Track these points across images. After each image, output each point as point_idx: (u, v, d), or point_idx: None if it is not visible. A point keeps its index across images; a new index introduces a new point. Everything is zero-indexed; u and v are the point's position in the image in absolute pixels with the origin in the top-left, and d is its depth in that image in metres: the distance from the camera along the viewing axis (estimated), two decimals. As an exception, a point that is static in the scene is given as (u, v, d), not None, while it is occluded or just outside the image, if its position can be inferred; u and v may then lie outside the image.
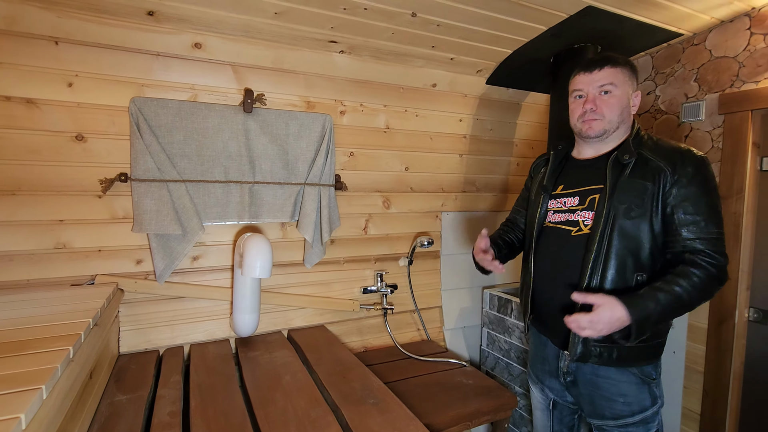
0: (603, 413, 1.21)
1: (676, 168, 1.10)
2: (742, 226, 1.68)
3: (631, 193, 1.13)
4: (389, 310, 2.07)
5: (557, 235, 1.27)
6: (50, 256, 1.46)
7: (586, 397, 1.24)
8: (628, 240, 1.13)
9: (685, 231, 1.09)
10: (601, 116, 1.19)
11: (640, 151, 1.16)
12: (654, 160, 1.13)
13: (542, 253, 1.30)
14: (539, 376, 1.40)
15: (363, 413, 1.19)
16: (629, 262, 1.13)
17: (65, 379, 0.85)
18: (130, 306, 1.59)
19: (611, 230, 1.14)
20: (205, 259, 1.71)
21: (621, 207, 1.14)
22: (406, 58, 1.88)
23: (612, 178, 1.16)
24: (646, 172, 1.13)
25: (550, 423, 1.41)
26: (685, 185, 1.09)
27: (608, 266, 1.14)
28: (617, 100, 1.18)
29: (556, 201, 1.30)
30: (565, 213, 1.26)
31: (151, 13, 1.42)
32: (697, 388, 1.84)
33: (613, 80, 1.18)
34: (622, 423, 1.19)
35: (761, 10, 1.60)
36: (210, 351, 1.62)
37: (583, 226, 1.21)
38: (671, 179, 1.10)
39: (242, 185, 1.70)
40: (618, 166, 1.17)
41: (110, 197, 1.53)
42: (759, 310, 1.70)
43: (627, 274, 1.13)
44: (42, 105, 1.41)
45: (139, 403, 1.21)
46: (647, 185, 1.12)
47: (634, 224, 1.12)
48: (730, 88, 1.71)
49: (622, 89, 1.18)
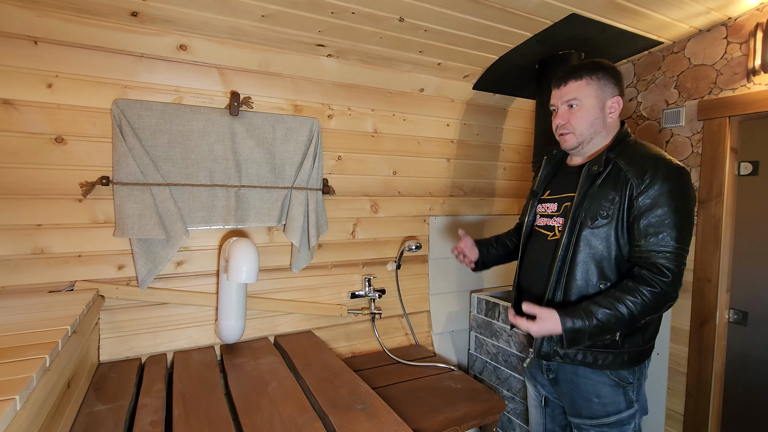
0: (581, 412, 1.24)
1: (645, 177, 1.09)
2: (721, 229, 1.72)
3: (598, 203, 1.14)
4: (377, 315, 2.06)
5: (538, 238, 1.32)
6: (27, 262, 1.42)
7: (566, 395, 1.28)
8: (592, 249, 1.15)
9: (644, 241, 1.08)
10: (571, 129, 1.21)
11: (617, 160, 1.16)
12: (624, 169, 1.13)
13: (527, 255, 1.36)
14: (532, 373, 1.43)
15: (351, 419, 1.18)
16: (593, 270, 1.15)
17: (41, 389, 0.81)
18: (111, 313, 1.55)
19: (577, 238, 1.16)
20: (189, 264, 1.68)
21: (587, 216, 1.15)
22: (394, 62, 1.89)
23: (583, 187, 1.18)
24: (617, 181, 1.13)
25: (543, 420, 1.44)
26: (651, 195, 1.08)
27: (573, 273, 1.16)
28: (585, 113, 1.18)
29: (542, 206, 1.34)
30: (546, 218, 1.31)
31: (134, 14, 1.40)
32: (681, 389, 1.87)
33: (576, 95, 1.19)
34: (598, 423, 1.21)
35: (737, 19, 1.65)
36: (194, 358, 1.59)
37: (557, 231, 1.25)
38: (637, 189, 1.09)
39: (228, 189, 1.67)
40: (590, 175, 1.18)
41: (91, 201, 1.49)
42: (739, 311, 1.74)
43: (590, 282, 1.15)
44: (20, 106, 1.37)
45: (119, 413, 1.17)
46: (615, 195, 1.12)
47: (599, 233, 1.14)
48: (709, 95, 1.76)
49: (588, 101, 1.18)
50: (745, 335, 1.72)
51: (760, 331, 1.68)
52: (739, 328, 1.74)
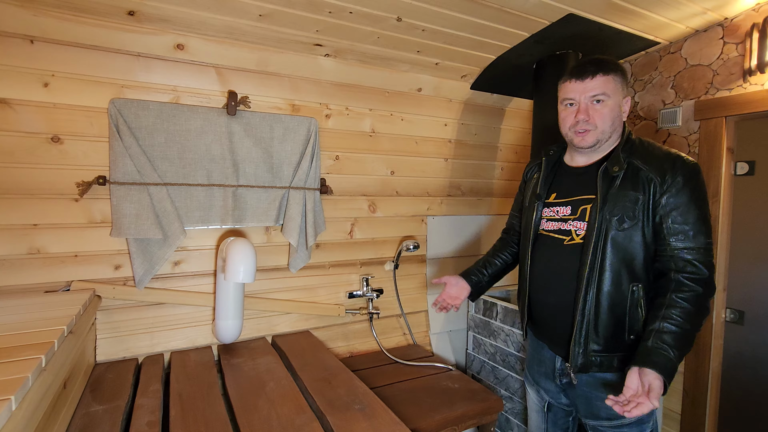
0: (598, 414, 1.21)
1: (666, 176, 1.09)
2: (718, 229, 1.73)
3: (622, 205, 1.12)
4: (375, 315, 2.06)
5: (551, 243, 1.27)
6: (23, 262, 1.41)
7: (582, 397, 1.24)
8: (621, 251, 1.12)
9: (674, 240, 1.08)
10: (593, 126, 1.16)
11: (631, 160, 1.14)
12: (644, 169, 1.12)
13: (537, 261, 1.30)
14: (535, 378, 1.40)
15: (348, 419, 1.17)
16: (624, 273, 1.12)
17: (36, 389, 0.81)
18: (107, 313, 1.54)
19: (604, 242, 1.13)
20: (186, 264, 1.67)
21: (613, 219, 1.12)
22: (392, 62, 1.89)
23: (603, 189, 1.15)
24: (636, 182, 1.12)
25: (545, 425, 1.41)
26: (675, 194, 1.08)
27: (603, 278, 1.13)
28: (610, 110, 1.14)
29: (549, 209, 1.29)
30: (558, 222, 1.26)
31: (131, 13, 1.39)
32: (678, 388, 1.87)
33: (605, 89, 1.14)
34: (618, 423, 1.18)
35: (733, 20, 1.66)
36: (191, 358, 1.58)
37: (575, 235, 1.20)
38: (661, 188, 1.09)
39: (225, 189, 1.67)
40: (608, 176, 1.16)
41: (87, 201, 1.49)
42: (735, 310, 1.74)
43: (623, 285, 1.13)
44: (16, 105, 1.36)
45: (115, 414, 1.17)
46: (638, 196, 1.11)
47: (627, 235, 1.12)
48: (705, 95, 1.77)
49: (614, 98, 1.15)
50: (741, 334, 1.73)
51: (756, 330, 1.69)
52: (736, 327, 1.75)
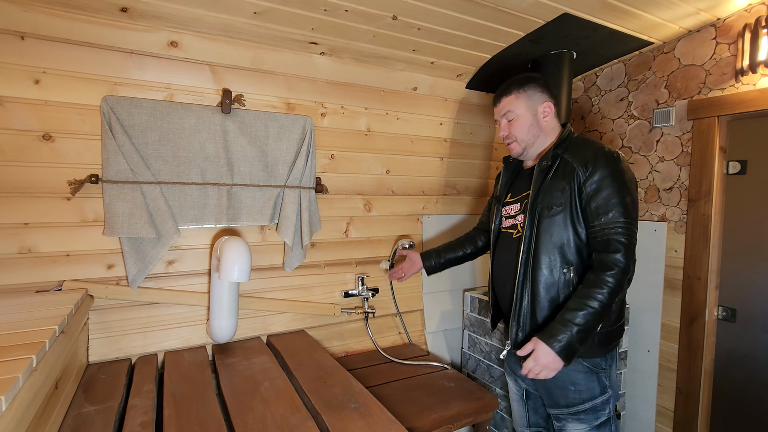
0: (558, 401, 1.30)
1: (588, 165, 1.21)
2: (710, 227, 1.75)
3: (551, 194, 1.25)
4: (371, 314, 2.05)
5: (505, 238, 1.42)
6: (14, 261, 1.39)
7: (543, 386, 1.33)
8: (552, 237, 1.25)
9: (597, 221, 1.20)
10: (514, 138, 1.36)
11: (562, 155, 1.28)
12: (570, 161, 1.25)
13: (497, 257, 1.46)
14: (512, 367, 1.47)
15: (344, 418, 1.17)
16: (557, 258, 1.24)
17: (27, 390, 0.80)
18: (100, 313, 1.53)
19: (538, 230, 1.27)
20: (180, 264, 1.66)
21: (543, 207, 1.26)
22: (387, 61, 1.89)
23: (536, 183, 1.30)
24: (565, 173, 1.25)
25: (526, 413, 1.48)
26: (596, 180, 1.20)
27: (538, 264, 1.26)
28: (521, 122, 1.34)
29: (505, 208, 1.45)
30: (511, 218, 1.41)
31: (124, 10, 1.38)
32: (671, 386, 1.89)
33: (510, 108, 1.35)
34: (574, 410, 1.27)
35: (726, 20, 1.68)
36: (185, 358, 1.57)
37: (520, 228, 1.34)
38: (583, 176, 1.21)
39: (220, 187, 1.66)
40: (542, 171, 1.30)
41: (80, 199, 1.47)
42: (727, 308, 1.76)
43: (555, 269, 1.25)
44: (6, 102, 1.34)
45: (108, 414, 1.16)
46: (565, 185, 1.23)
47: (557, 221, 1.24)
48: (698, 95, 1.78)
49: (521, 110, 1.34)
50: (733, 332, 1.75)
51: (748, 327, 1.70)
52: (728, 325, 1.76)
